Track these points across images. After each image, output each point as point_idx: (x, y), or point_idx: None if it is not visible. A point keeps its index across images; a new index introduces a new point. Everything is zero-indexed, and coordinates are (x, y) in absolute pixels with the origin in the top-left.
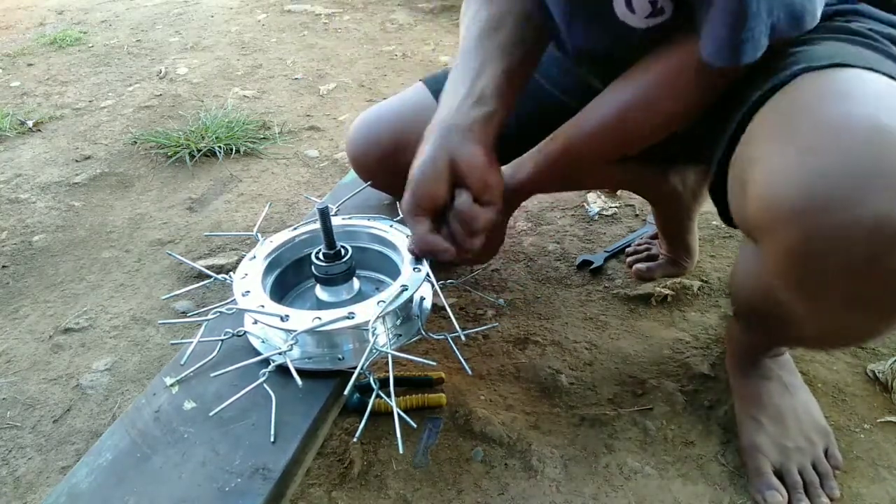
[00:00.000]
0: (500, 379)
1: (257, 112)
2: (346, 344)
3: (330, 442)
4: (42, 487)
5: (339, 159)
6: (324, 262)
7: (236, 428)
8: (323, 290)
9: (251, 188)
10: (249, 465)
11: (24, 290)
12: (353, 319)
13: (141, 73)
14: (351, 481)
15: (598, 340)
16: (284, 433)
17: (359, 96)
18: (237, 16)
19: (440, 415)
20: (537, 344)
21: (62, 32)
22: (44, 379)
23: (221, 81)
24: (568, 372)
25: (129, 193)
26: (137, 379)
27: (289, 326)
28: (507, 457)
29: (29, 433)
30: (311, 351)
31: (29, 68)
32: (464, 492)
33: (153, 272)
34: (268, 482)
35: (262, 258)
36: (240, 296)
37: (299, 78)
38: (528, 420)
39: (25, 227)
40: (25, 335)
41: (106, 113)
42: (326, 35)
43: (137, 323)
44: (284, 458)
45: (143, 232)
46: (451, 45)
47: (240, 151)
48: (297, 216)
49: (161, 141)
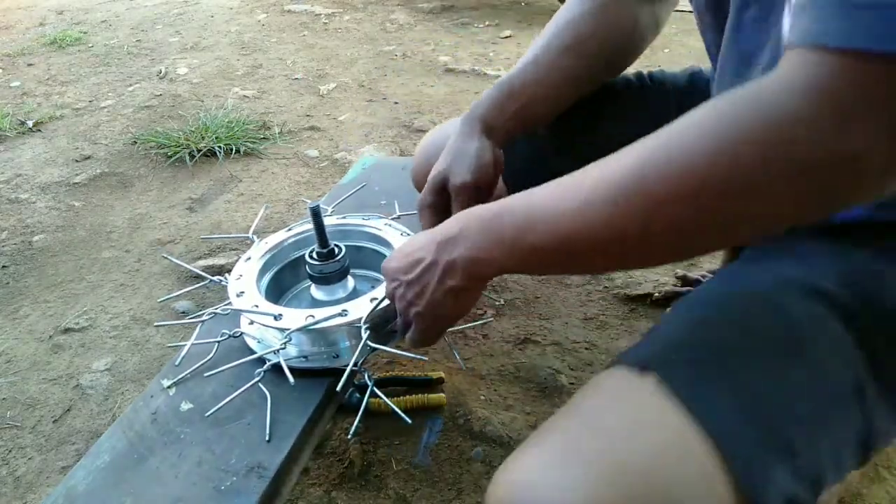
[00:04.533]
0: (500, 379)
1: (257, 112)
2: (341, 342)
3: (330, 442)
4: (42, 487)
5: (338, 159)
6: (317, 261)
7: (232, 428)
8: (318, 289)
9: (251, 188)
10: (245, 464)
11: (24, 290)
12: (345, 317)
13: (141, 73)
14: (350, 481)
15: (598, 340)
16: (280, 432)
17: (359, 96)
18: (237, 16)
19: (440, 415)
20: (537, 344)
21: (62, 32)
22: (44, 379)
23: (221, 81)
24: (568, 372)
25: (129, 193)
26: (137, 379)
27: (282, 325)
28: (507, 457)
29: (29, 433)
30: (306, 350)
31: (29, 68)
32: (464, 492)
33: (153, 272)
34: (263, 480)
35: (257, 259)
36: (234, 297)
37: (299, 78)
38: (528, 420)
39: (25, 227)
40: (25, 335)
41: (106, 113)
42: (326, 35)
43: (137, 323)
44: (279, 456)
45: (143, 232)
46: (450, 45)
47: (240, 151)
48: (297, 216)
49: (161, 141)
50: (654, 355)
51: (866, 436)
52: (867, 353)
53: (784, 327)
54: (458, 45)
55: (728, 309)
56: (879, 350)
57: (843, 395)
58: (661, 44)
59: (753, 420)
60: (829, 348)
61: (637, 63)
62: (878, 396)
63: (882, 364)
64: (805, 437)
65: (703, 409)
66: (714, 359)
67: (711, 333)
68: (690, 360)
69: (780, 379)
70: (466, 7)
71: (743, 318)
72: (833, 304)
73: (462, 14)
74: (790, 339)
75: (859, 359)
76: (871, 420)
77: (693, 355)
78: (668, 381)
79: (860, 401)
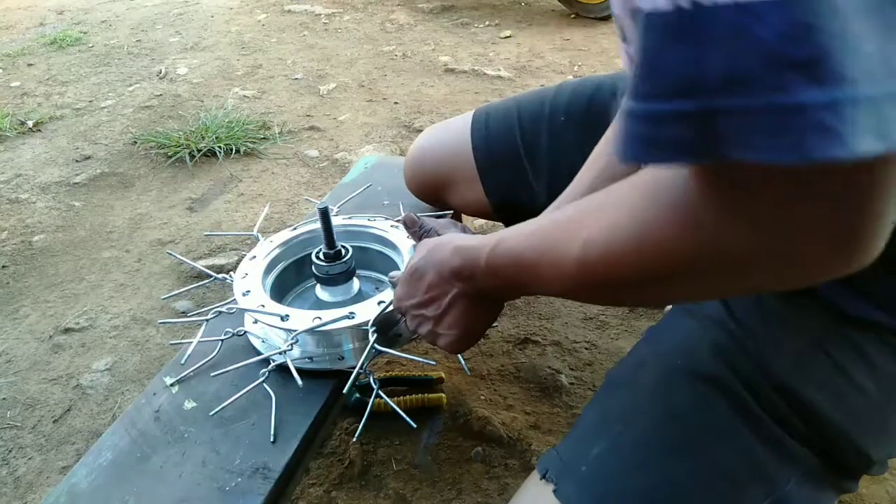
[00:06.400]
0: (500, 379)
1: (257, 112)
2: (347, 344)
3: (330, 442)
4: (42, 487)
5: (338, 159)
6: (324, 262)
7: (236, 428)
8: (323, 289)
9: (251, 188)
10: (250, 465)
11: (24, 290)
12: (353, 319)
13: (141, 73)
14: (351, 481)
15: (598, 340)
16: (284, 433)
17: (359, 96)
18: (237, 16)
19: (440, 415)
20: (537, 344)
21: (62, 32)
22: (44, 379)
23: (221, 81)
24: (568, 372)
25: (129, 193)
26: (137, 379)
27: (289, 326)
28: (507, 457)
29: (29, 433)
30: (311, 351)
31: (29, 68)
32: (464, 492)
33: (153, 272)
34: (268, 482)
35: (262, 258)
36: (240, 295)
37: (299, 78)
38: (527, 420)
39: (25, 227)
40: (25, 335)
41: (106, 113)
42: (326, 35)
43: (137, 323)
44: (284, 457)
45: (143, 232)
46: (450, 45)
47: (240, 151)
48: (297, 216)
49: (161, 141)
50: (556, 461)
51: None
52: (755, 428)
53: (671, 419)
54: (458, 45)
55: (624, 397)
56: (765, 424)
57: (739, 479)
58: None
59: None
60: (717, 435)
61: None
62: (779, 469)
63: (773, 436)
64: None
65: None
66: (602, 465)
67: (605, 431)
68: (582, 470)
69: (670, 478)
70: (466, 7)
71: (634, 413)
72: (721, 387)
73: (462, 14)
74: (677, 432)
75: (749, 436)
76: (779, 495)
77: (585, 462)
78: (562, 493)
79: (760, 479)
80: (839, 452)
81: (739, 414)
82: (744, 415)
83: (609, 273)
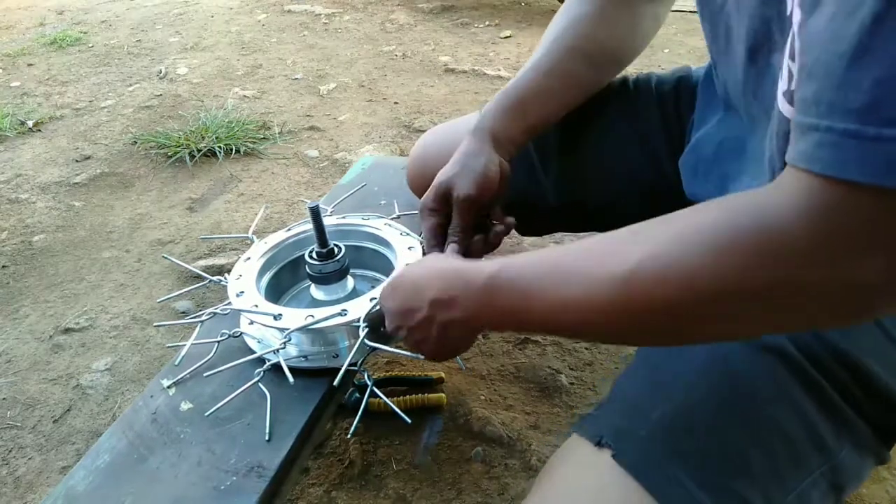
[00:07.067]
0: (500, 379)
1: (257, 112)
2: (341, 341)
3: (330, 442)
4: (42, 487)
5: (338, 159)
6: (317, 261)
7: (232, 427)
8: (318, 288)
9: (251, 188)
10: (245, 464)
11: (24, 290)
12: (345, 316)
13: (141, 73)
14: (350, 481)
15: None
16: (279, 432)
17: (359, 96)
18: (237, 16)
19: (440, 415)
20: (537, 344)
21: (62, 32)
22: (44, 379)
23: (221, 81)
24: (568, 372)
25: (129, 193)
26: (137, 379)
27: (281, 325)
28: (507, 457)
29: (29, 433)
30: (306, 349)
31: (29, 68)
32: (464, 492)
33: (153, 272)
34: (263, 480)
35: (256, 259)
36: (234, 296)
37: (299, 78)
38: (527, 420)
39: (25, 227)
40: (25, 335)
41: (106, 113)
42: (326, 35)
43: (137, 323)
44: (279, 456)
45: (143, 232)
46: (450, 45)
47: (240, 151)
48: (297, 216)
49: (161, 141)
50: (610, 427)
51: (833, 478)
52: (816, 396)
53: (730, 385)
54: (458, 45)
55: (677, 365)
56: (826, 392)
57: (798, 444)
58: (660, 44)
59: (707, 486)
60: (777, 400)
61: (637, 62)
62: (836, 437)
63: (832, 404)
64: (760, 492)
65: (658, 485)
66: (664, 428)
67: (661, 397)
68: (641, 434)
69: (730, 440)
70: (466, 7)
71: (693, 379)
72: (780, 354)
73: (462, 14)
74: (738, 397)
75: (808, 403)
76: (834, 462)
77: (644, 426)
78: (623, 457)
79: (818, 446)
80: (893, 422)
81: (801, 382)
82: (805, 383)
83: (663, 295)
